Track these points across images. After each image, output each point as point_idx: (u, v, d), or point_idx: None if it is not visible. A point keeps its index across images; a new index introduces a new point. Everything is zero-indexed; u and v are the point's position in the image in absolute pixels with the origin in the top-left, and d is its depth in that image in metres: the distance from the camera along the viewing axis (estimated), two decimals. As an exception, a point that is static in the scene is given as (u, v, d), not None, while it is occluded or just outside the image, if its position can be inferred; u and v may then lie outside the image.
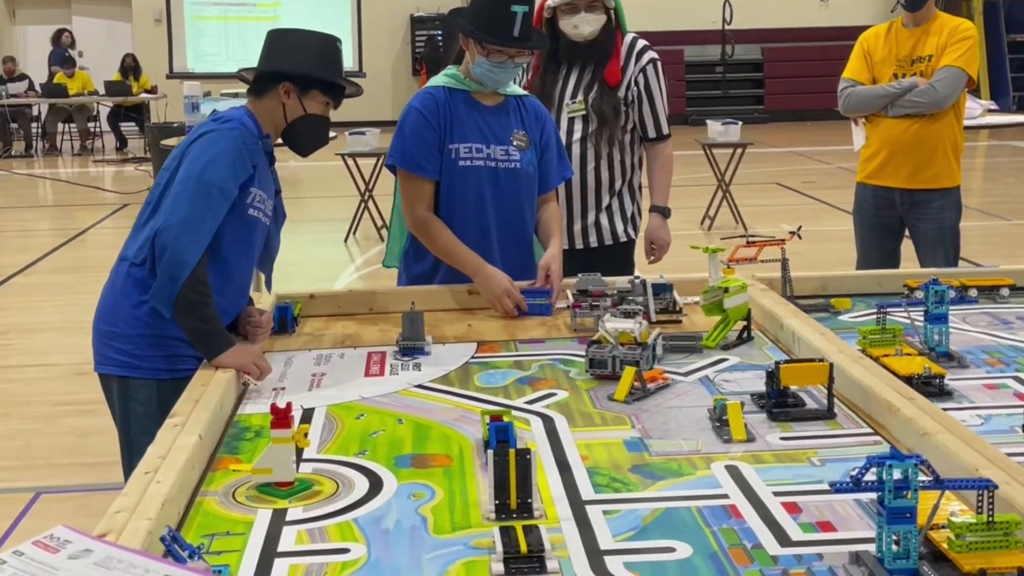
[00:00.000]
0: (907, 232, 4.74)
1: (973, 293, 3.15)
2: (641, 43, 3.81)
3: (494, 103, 3.26)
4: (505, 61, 3.11)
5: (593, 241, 3.83)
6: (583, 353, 2.68)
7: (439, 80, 3.27)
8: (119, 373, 2.73)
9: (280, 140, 2.87)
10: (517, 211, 3.28)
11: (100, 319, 2.78)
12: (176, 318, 2.57)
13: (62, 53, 17.90)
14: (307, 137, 2.84)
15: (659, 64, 3.83)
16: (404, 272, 3.39)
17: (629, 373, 2.39)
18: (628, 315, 2.65)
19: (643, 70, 3.78)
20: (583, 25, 3.67)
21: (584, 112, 3.74)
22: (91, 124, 17.65)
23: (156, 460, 1.92)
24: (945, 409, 2.17)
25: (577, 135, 3.75)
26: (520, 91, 3.36)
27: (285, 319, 2.98)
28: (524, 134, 3.28)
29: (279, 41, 2.83)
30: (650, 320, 2.89)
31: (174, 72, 16.18)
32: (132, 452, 2.62)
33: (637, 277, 3.13)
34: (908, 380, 2.33)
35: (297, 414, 2.29)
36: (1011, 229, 9.66)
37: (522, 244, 3.31)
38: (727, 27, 19.31)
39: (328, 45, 2.83)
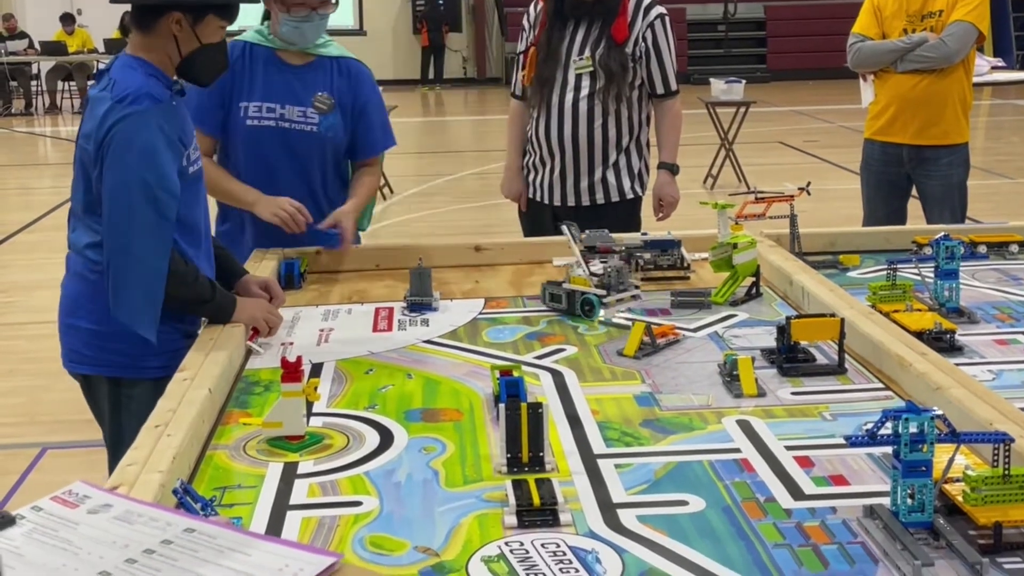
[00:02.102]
0: (914, 190, 4.71)
1: (983, 249, 3.13)
2: (648, -1, 3.77)
3: (301, 62, 3.17)
4: (309, 14, 3.06)
5: (600, 198, 3.81)
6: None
7: (246, 35, 3.20)
8: (110, 374, 2.57)
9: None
10: (307, 175, 3.19)
11: (69, 313, 2.59)
12: (169, 298, 2.45)
13: None
14: (207, 69, 2.58)
15: (667, 19, 3.79)
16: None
17: (639, 329, 2.38)
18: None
19: (651, 25, 3.74)
20: None
21: (591, 69, 3.71)
22: (91, 82, 17.54)
23: (167, 413, 1.92)
24: (957, 364, 2.15)
25: (585, 91, 3.72)
26: (341, 52, 3.24)
27: (292, 275, 2.97)
28: (327, 96, 3.16)
29: None
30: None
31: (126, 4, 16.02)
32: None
33: (645, 234, 3.12)
34: (919, 335, 2.32)
35: (306, 368, 2.28)
36: (1015, 187, 9.63)
37: (314, 210, 3.12)
38: (730, -15, 19.16)
39: None
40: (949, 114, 4.51)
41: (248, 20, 3.12)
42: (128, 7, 2.57)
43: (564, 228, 2.80)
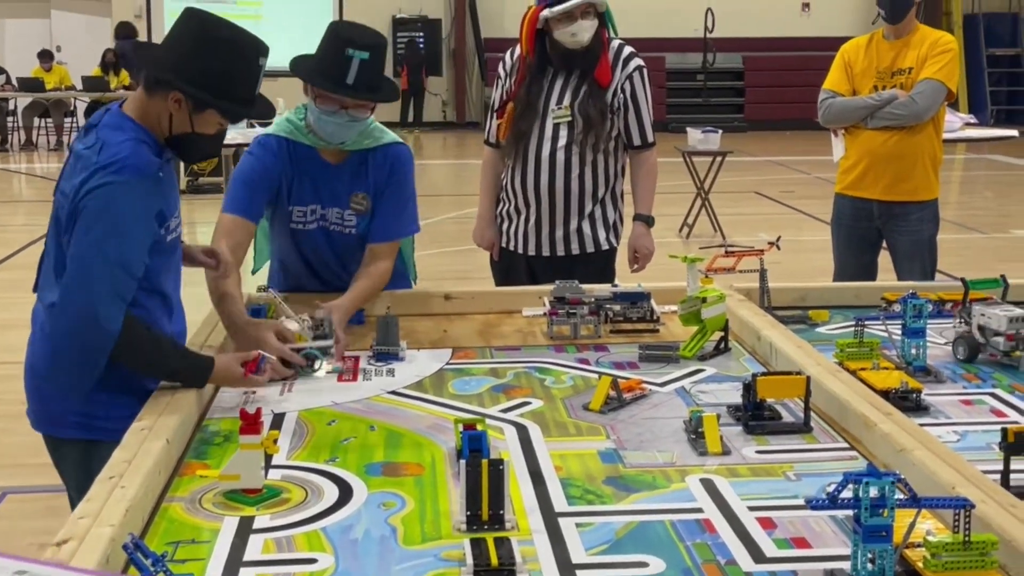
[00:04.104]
0: (884, 244, 4.74)
1: (951, 307, 3.14)
2: (628, 50, 3.79)
3: (339, 159, 3.02)
4: (338, 111, 2.85)
5: (575, 248, 3.81)
6: (559, 361, 2.67)
7: (280, 127, 3.04)
8: (80, 436, 2.46)
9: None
10: (347, 267, 3.07)
11: (36, 373, 2.48)
12: (135, 370, 2.39)
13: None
14: (192, 153, 2.49)
15: (645, 72, 3.81)
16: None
17: (605, 383, 2.36)
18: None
19: (629, 77, 3.76)
20: (581, 33, 3.64)
21: (569, 118, 3.72)
22: (68, 119, 17.51)
23: (122, 464, 1.89)
24: (922, 424, 2.15)
25: (562, 142, 3.73)
26: (380, 140, 3.04)
27: (258, 322, 2.94)
28: (364, 197, 3.02)
29: (188, 35, 2.40)
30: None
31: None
32: None
33: (616, 285, 3.11)
34: (885, 394, 2.32)
35: (267, 419, 2.25)
36: (988, 242, 9.71)
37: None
38: (709, 35, 19.35)
39: (242, 59, 2.40)
40: (919, 170, 4.55)
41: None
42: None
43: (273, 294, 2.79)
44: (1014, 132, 8.80)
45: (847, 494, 1.54)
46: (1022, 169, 15.09)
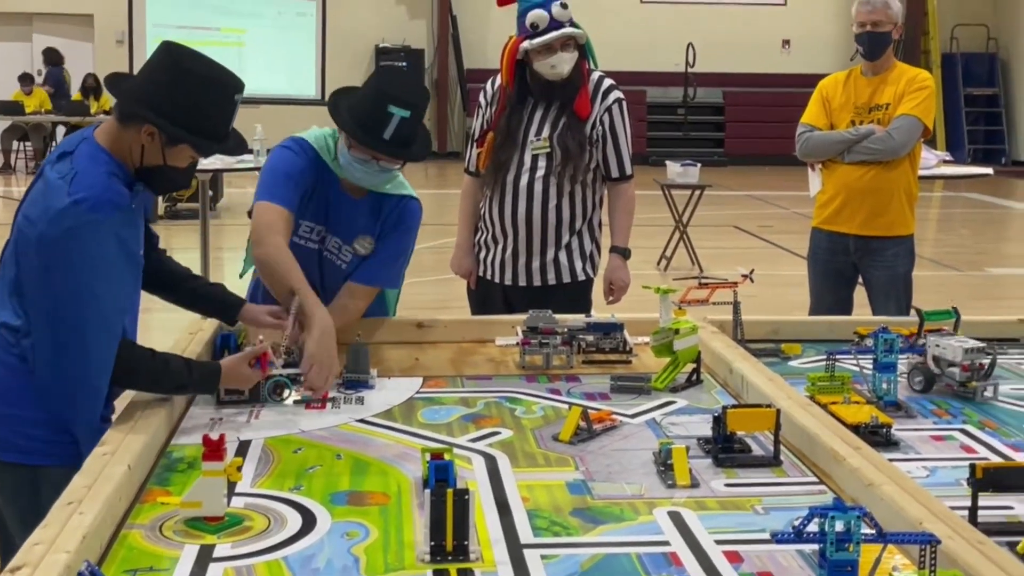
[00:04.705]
0: (860, 279, 4.75)
1: (922, 343, 3.14)
2: (607, 82, 3.81)
3: (356, 195, 2.99)
4: (369, 161, 2.83)
5: (551, 278, 3.80)
6: (531, 391, 2.66)
7: (316, 139, 2.98)
8: (25, 461, 2.41)
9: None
10: (324, 299, 2.91)
11: None
12: (142, 391, 2.42)
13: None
14: (161, 184, 2.49)
15: (624, 104, 3.82)
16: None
17: (575, 413, 2.35)
18: None
19: (608, 109, 3.77)
20: (561, 64, 3.65)
21: (548, 149, 3.72)
22: (47, 143, 17.43)
23: (81, 490, 1.86)
24: (891, 459, 2.14)
25: (540, 172, 3.73)
26: (399, 190, 3.04)
27: (228, 348, 2.91)
28: (370, 241, 3.00)
29: (164, 68, 2.39)
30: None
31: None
32: None
33: (589, 316, 3.10)
34: (855, 429, 2.31)
35: (233, 446, 2.23)
36: (963, 279, 9.76)
37: None
38: (690, 70, 19.48)
39: (217, 95, 2.40)
40: (895, 206, 4.57)
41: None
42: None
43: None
44: (989, 170, 8.85)
45: (813, 528, 1.53)
46: (998, 207, 15.21)
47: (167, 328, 2.90)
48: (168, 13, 17.41)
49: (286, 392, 2.57)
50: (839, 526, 1.50)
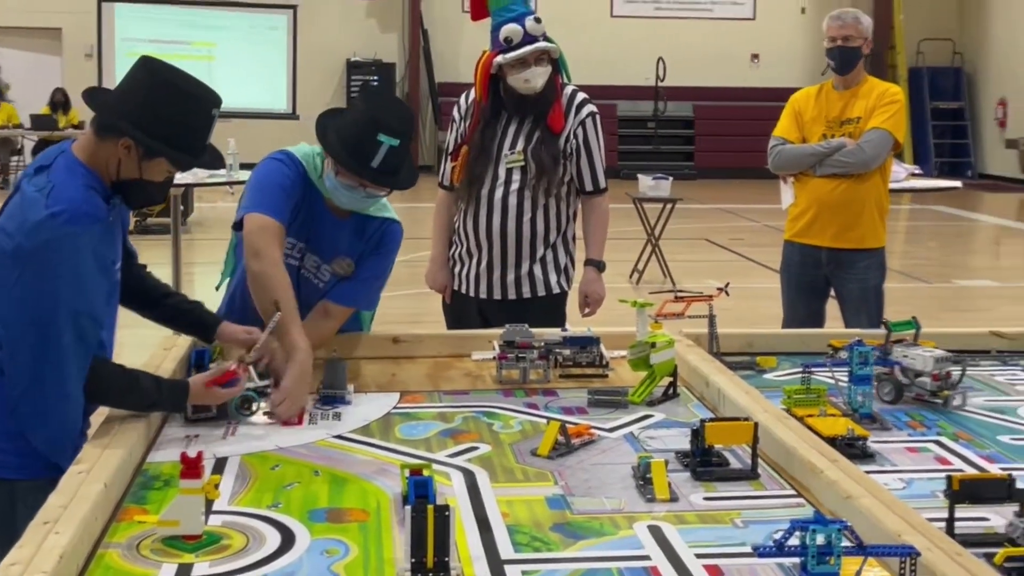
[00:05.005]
0: (832, 291, 4.78)
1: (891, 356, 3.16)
2: (580, 96, 3.82)
3: (341, 217, 2.97)
4: (356, 187, 2.82)
5: (526, 292, 3.80)
6: (508, 406, 2.66)
7: (304, 155, 2.95)
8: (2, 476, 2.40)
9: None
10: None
11: None
12: (112, 407, 2.41)
13: None
14: (138, 198, 2.49)
15: (597, 118, 3.84)
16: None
17: (553, 428, 2.35)
18: None
19: (582, 123, 3.78)
20: (535, 79, 3.66)
21: (522, 163, 3.73)
22: (15, 158, 17.30)
23: (57, 509, 1.84)
24: (867, 472, 2.15)
25: (515, 186, 3.74)
26: (382, 213, 3.02)
27: (202, 364, 2.89)
28: (349, 264, 2.98)
29: (143, 82, 2.40)
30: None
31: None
32: None
33: (565, 330, 3.11)
34: (831, 441, 2.32)
35: (209, 463, 2.21)
36: (933, 292, 9.85)
37: None
38: (660, 84, 19.58)
39: (195, 109, 2.41)
40: (866, 218, 4.61)
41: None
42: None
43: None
44: (958, 183, 8.97)
45: (794, 541, 1.53)
46: (965, 220, 15.37)
47: (142, 345, 2.88)
48: (138, 27, 17.34)
49: (254, 406, 2.55)
50: (820, 539, 1.51)
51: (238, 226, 2.90)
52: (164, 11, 17.72)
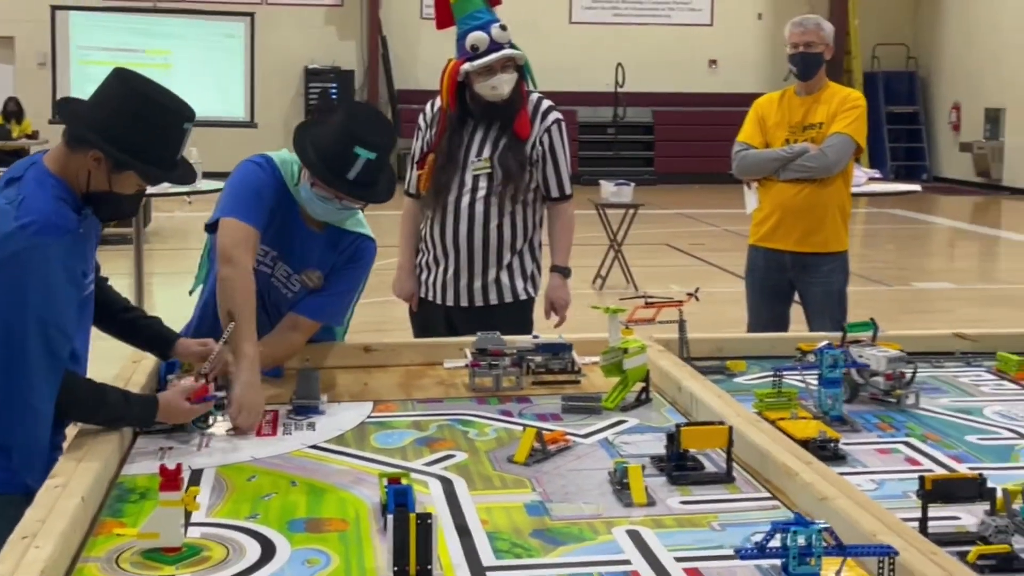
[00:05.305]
0: (796, 295, 4.83)
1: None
2: (546, 103, 3.84)
3: (315, 228, 2.96)
4: (331, 199, 2.81)
5: (493, 299, 3.82)
6: (482, 413, 2.67)
7: (282, 162, 2.95)
8: None
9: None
10: (265, 326, 2.92)
11: None
12: (80, 422, 2.39)
13: None
14: (108, 211, 2.47)
15: (563, 125, 3.87)
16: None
17: (529, 435, 2.36)
18: None
19: (548, 130, 3.81)
20: (501, 85, 3.68)
21: (489, 170, 3.74)
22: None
23: (35, 524, 1.82)
24: (840, 473, 2.18)
25: (481, 193, 3.75)
26: (357, 227, 3.02)
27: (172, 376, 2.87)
28: (319, 277, 2.97)
29: (115, 94, 2.39)
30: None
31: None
32: None
33: (536, 337, 3.12)
34: (804, 444, 2.35)
35: (184, 476, 2.19)
36: (892, 294, 9.97)
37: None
38: (619, 90, 19.68)
39: (167, 123, 2.40)
40: (829, 222, 4.67)
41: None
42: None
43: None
44: (917, 187, 9.11)
45: (775, 543, 1.55)
46: (922, 223, 15.57)
47: (108, 358, 2.85)
48: (92, 35, 17.18)
49: (211, 419, 2.53)
50: (801, 540, 1.53)
51: (211, 228, 2.89)
52: (118, 19, 17.59)
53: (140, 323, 2.76)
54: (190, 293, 3.19)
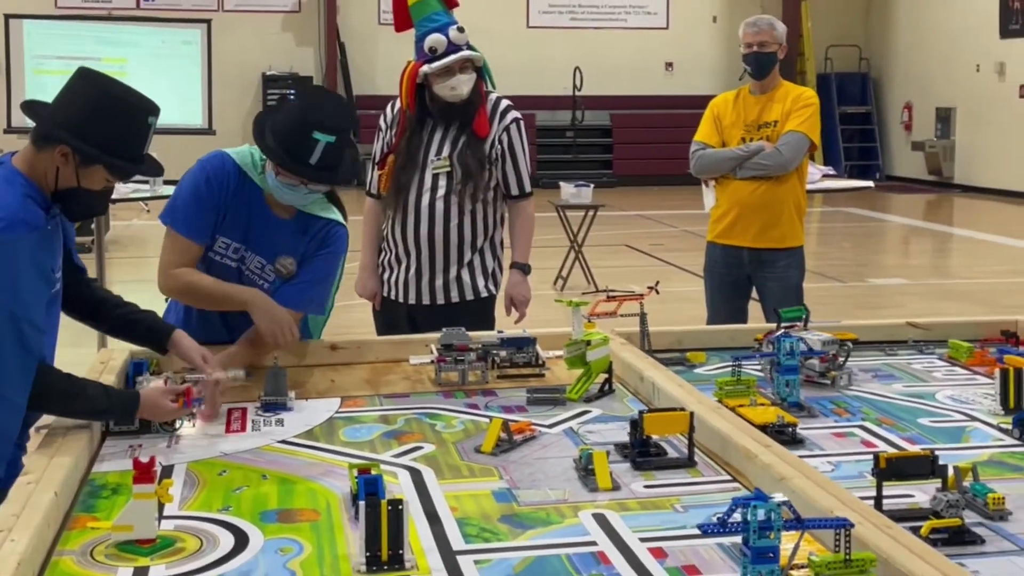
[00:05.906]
0: (754, 291, 4.92)
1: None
2: (505, 103, 3.90)
3: (284, 215, 3.01)
4: (297, 185, 2.88)
5: (455, 296, 3.86)
6: (449, 407, 2.71)
7: (241, 155, 3.01)
8: None
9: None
10: (237, 325, 3.03)
11: None
12: (57, 415, 2.41)
13: None
14: (78, 208, 2.50)
15: (521, 124, 3.92)
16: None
17: (496, 425, 2.41)
18: None
19: (507, 129, 3.86)
20: (460, 86, 3.72)
21: (448, 168, 3.79)
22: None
23: (10, 519, 1.85)
24: (799, 456, 2.25)
25: (441, 191, 3.79)
26: (327, 213, 3.07)
27: (140, 375, 2.89)
28: (291, 263, 3.02)
29: (80, 92, 2.44)
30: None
31: (12, 127, 15.61)
32: None
33: (501, 332, 3.17)
34: (763, 428, 2.41)
35: (157, 469, 2.22)
36: (846, 290, 10.11)
37: None
38: (577, 93, 19.77)
39: (132, 117, 2.45)
40: (785, 218, 4.75)
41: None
42: None
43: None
44: (870, 183, 9.25)
45: (736, 518, 1.61)
46: (875, 221, 15.77)
47: (75, 364, 2.86)
48: (47, 44, 17.02)
49: (177, 423, 2.55)
50: (761, 514, 1.59)
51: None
52: (74, 27, 17.45)
53: (134, 317, 2.78)
54: (166, 300, 3.21)
